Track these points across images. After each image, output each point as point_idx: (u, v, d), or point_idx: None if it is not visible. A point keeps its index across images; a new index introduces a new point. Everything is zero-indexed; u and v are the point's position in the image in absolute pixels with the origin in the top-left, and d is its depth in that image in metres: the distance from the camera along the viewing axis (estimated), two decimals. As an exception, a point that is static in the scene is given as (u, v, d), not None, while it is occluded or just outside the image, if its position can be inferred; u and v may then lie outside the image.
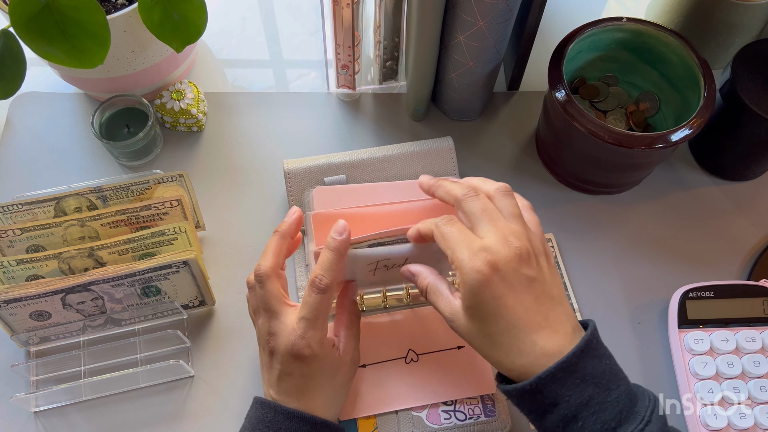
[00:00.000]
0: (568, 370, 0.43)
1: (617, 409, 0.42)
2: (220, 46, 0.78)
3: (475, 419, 0.56)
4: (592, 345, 0.44)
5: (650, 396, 0.44)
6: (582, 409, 0.42)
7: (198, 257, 0.57)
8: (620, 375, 0.44)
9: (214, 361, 0.61)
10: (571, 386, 0.42)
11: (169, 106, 0.69)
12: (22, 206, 0.58)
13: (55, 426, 0.58)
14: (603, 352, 0.45)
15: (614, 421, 0.42)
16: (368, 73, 0.74)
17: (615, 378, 0.44)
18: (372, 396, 0.56)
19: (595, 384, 0.43)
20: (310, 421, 0.48)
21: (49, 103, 0.73)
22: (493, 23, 0.59)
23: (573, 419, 0.42)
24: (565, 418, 0.43)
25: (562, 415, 0.43)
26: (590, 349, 0.44)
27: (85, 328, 0.59)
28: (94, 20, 0.53)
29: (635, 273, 0.65)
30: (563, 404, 0.43)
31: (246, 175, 0.70)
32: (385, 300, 0.60)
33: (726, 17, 0.69)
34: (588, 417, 0.42)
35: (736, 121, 0.64)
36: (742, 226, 0.68)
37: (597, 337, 0.45)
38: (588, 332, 0.44)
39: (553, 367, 0.42)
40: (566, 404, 0.42)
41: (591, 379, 0.43)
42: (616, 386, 0.43)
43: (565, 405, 0.42)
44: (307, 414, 0.48)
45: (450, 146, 0.66)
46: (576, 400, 0.42)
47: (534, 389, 0.43)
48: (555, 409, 0.43)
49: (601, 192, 0.69)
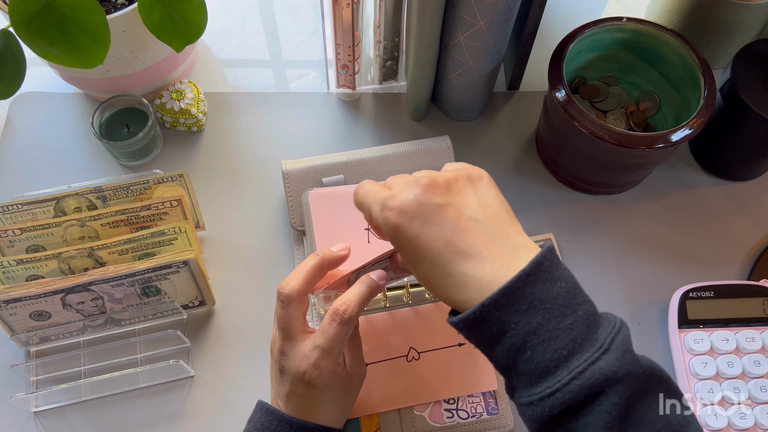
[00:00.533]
0: (513, 296, 0.38)
1: (571, 336, 0.38)
2: (220, 46, 0.78)
3: (478, 417, 0.56)
4: (543, 268, 0.39)
5: (616, 321, 0.40)
6: (530, 336, 0.38)
7: (198, 257, 0.57)
8: (578, 300, 0.39)
9: (214, 361, 0.61)
10: (517, 313, 0.38)
11: (169, 106, 0.69)
12: (22, 206, 0.58)
13: (54, 426, 0.58)
14: (559, 274, 0.39)
15: (566, 349, 0.37)
16: (368, 73, 0.74)
17: (570, 303, 0.39)
18: (374, 394, 0.56)
19: (545, 309, 0.38)
20: (314, 431, 0.47)
21: (49, 103, 0.73)
22: (493, 23, 0.59)
23: (522, 348, 0.38)
24: (513, 347, 0.39)
25: (510, 344, 0.39)
26: (540, 272, 0.39)
27: (85, 328, 0.59)
28: (93, 20, 0.53)
29: (635, 273, 0.65)
30: (510, 332, 0.38)
31: (246, 175, 0.70)
32: (385, 299, 0.60)
33: (726, 17, 0.69)
34: (537, 345, 0.38)
35: (737, 121, 0.64)
36: (742, 226, 0.68)
37: (551, 259, 0.40)
38: (538, 255, 0.39)
39: (495, 294, 0.38)
40: (513, 332, 0.38)
41: (540, 304, 0.38)
42: (572, 311, 0.38)
43: (512, 333, 0.38)
44: (310, 423, 0.47)
45: (447, 145, 0.66)
46: (523, 327, 0.38)
47: (478, 318, 0.39)
48: (502, 338, 0.39)
49: (601, 192, 0.69)
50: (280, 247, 0.66)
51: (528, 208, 0.68)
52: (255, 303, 0.63)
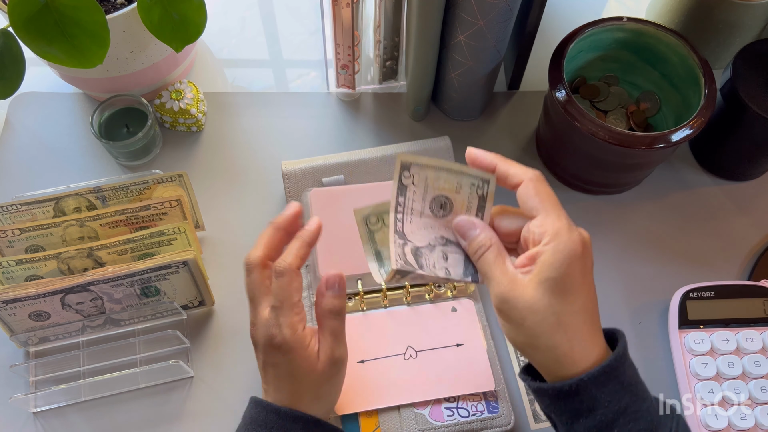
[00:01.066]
0: (611, 375, 0.41)
1: (649, 419, 0.41)
2: (220, 46, 0.78)
3: (479, 416, 0.56)
4: (626, 352, 0.43)
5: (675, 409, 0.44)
6: (619, 416, 0.40)
7: (197, 257, 0.57)
8: (645, 386, 0.43)
9: (213, 361, 0.61)
10: (611, 392, 0.41)
11: (168, 105, 0.69)
12: (22, 206, 0.58)
13: (54, 426, 0.58)
14: (631, 360, 0.43)
15: (646, 430, 0.41)
16: (368, 72, 0.74)
17: (644, 388, 0.43)
18: (371, 391, 0.56)
19: (631, 392, 0.41)
20: (303, 419, 0.47)
21: (49, 103, 0.73)
22: (494, 23, 0.59)
23: (609, 426, 0.41)
24: (600, 425, 0.41)
25: (598, 420, 0.41)
26: (626, 356, 0.42)
27: (84, 328, 0.59)
28: (93, 20, 0.53)
29: (635, 273, 0.65)
30: (601, 410, 0.40)
31: (245, 175, 0.69)
32: (385, 298, 0.60)
33: (726, 17, 0.69)
34: (624, 425, 0.40)
35: (737, 120, 0.64)
36: (742, 226, 0.68)
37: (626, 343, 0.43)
38: (623, 339, 0.43)
39: (597, 370, 0.40)
40: (604, 410, 0.40)
41: (628, 386, 0.41)
42: (648, 396, 0.42)
43: (603, 411, 0.40)
44: (299, 412, 0.47)
45: (447, 146, 0.66)
46: (614, 406, 0.40)
47: (574, 391, 0.41)
48: (591, 414, 0.41)
49: (601, 192, 0.69)
50: (280, 248, 0.66)
51: (528, 208, 0.68)
52: (255, 303, 0.63)
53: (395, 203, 0.45)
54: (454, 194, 0.44)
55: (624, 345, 0.42)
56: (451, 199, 0.45)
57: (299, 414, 0.47)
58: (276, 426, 0.47)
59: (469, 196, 0.45)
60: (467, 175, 0.44)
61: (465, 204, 0.45)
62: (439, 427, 0.56)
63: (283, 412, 0.47)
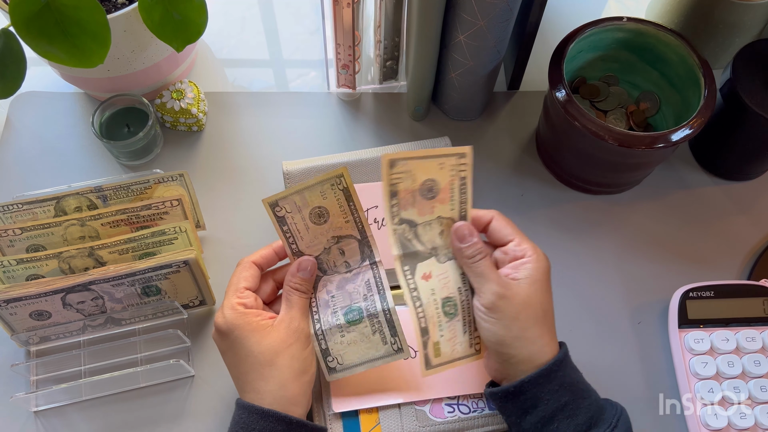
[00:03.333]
0: (550, 377, 0.48)
1: (588, 414, 0.48)
2: (220, 46, 0.78)
3: (479, 412, 0.56)
4: (568, 357, 0.50)
5: (617, 407, 0.50)
6: (558, 412, 0.48)
7: (198, 257, 0.57)
8: (590, 387, 0.50)
9: (214, 360, 0.61)
10: (550, 391, 0.48)
11: (169, 105, 0.69)
12: (22, 206, 0.58)
13: (54, 426, 0.58)
14: (574, 365, 0.51)
15: (585, 424, 0.47)
16: (368, 72, 0.74)
17: (587, 389, 0.50)
18: (372, 389, 0.56)
19: (570, 391, 0.48)
20: (285, 420, 0.48)
21: (49, 103, 0.73)
22: (494, 23, 0.59)
23: (550, 421, 0.48)
24: (542, 420, 0.48)
25: (540, 416, 0.48)
26: (567, 360, 0.50)
27: (85, 327, 0.59)
28: (94, 20, 0.53)
29: (635, 273, 0.65)
30: (542, 406, 0.48)
31: (246, 174, 0.70)
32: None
33: (726, 17, 0.69)
34: (563, 420, 0.48)
35: (737, 120, 0.64)
36: (742, 225, 0.68)
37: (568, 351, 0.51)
38: (565, 346, 0.51)
39: (536, 374, 0.48)
40: (545, 407, 0.48)
41: (568, 386, 0.48)
42: (588, 395, 0.49)
43: (544, 407, 0.48)
44: (282, 413, 0.48)
45: (447, 146, 0.66)
46: (554, 404, 0.48)
47: (519, 391, 0.49)
48: (534, 410, 0.48)
49: (601, 192, 0.69)
50: (281, 247, 0.66)
51: (528, 208, 0.68)
52: (255, 303, 0.63)
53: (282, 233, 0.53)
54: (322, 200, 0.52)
55: (565, 351, 0.50)
56: (325, 207, 0.53)
57: (282, 415, 0.48)
58: (258, 427, 0.47)
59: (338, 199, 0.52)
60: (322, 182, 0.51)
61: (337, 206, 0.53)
62: (440, 423, 0.56)
63: (266, 413, 0.48)
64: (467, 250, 0.52)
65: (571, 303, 0.64)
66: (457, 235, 0.52)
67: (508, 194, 0.69)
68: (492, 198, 0.68)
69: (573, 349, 0.58)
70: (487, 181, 0.69)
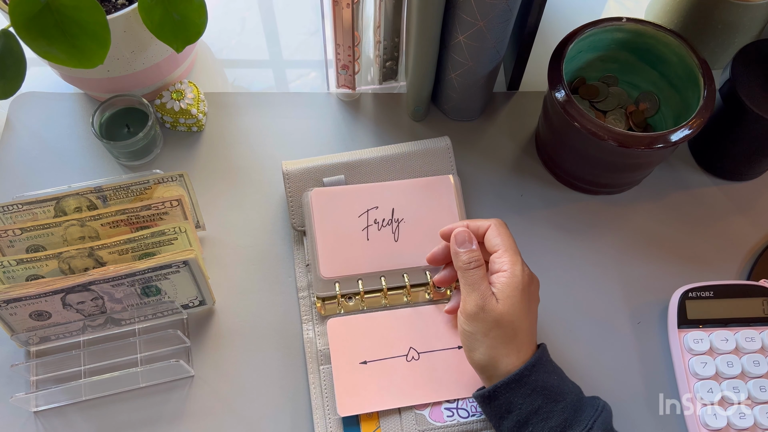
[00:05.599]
0: (521, 381, 0.50)
1: (562, 417, 0.49)
2: (220, 46, 0.78)
3: (478, 416, 0.56)
4: (542, 362, 0.51)
5: (598, 406, 0.50)
6: (532, 415, 0.49)
7: (198, 257, 0.57)
8: (567, 388, 0.51)
9: (214, 361, 0.61)
10: (522, 396, 0.49)
11: (169, 106, 0.69)
12: (22, 206, 0.59)
13: (55, 426, 0.58)
14: (552, 368, 0.52)
15: (559, 427, 0.49)
16: (368, 73, 0.74)
17: (562, 391, 0.50)
18: (373, 392, 0.57)
19: (544, 395, 0.49)
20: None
21: (49, 103, 0.73)
22: (493, 23, 0.59)
23: (525, 424, 0.49)
24: (518, 423, 0.50)
25: (515, 420, 0.50)
26: (541, 364, 0.51)
27: (85, 328, 0.59)
28: (94, 20, 0.53)
29: (635, 273, 0.65)
30: (516, 411, 0.50)
31: (246, 175, 0.70)
32: (385, 298, 0.60)
33: (726, 17, 0.69)
34: (537, 423, 0.49)
35: (736, 121, 0.64)
36: (741, 226, 0.68)
37: (547, 355, 0.52)
38: (539, 351, 0.52)
39: (507, 379, 0.50)
40: (518, 411, 0.49)
41: (541, 390, 0.50)
42: (563, 398, 0.50)
43: (518, 412, 0.49)
44: None
45: (447, 146, 0.66)
46: (527, 408, 0.49)
47: (493, 395, 0.50)
48: (509, 415, 0.50)
49: (601, 192, 0.69)
50: (280, 247, 0.66)
51: (528, 208, 0.68)
52: (255, 303, 0.63)
53: None
54: None
55: (537, 356, 0.51)
56: None
57: None
58: None
59: None
60: None
61: None
62: (439, 427, 0.56)
63: None
64: (463, 255, 0.54)
65: (570, 303, 0.64)
66: (456, 240, 0.55)
67: (507, 194, 0.69)
68: (492, 198, 0.68)
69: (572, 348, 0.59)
70: (486, 181, 0.69)
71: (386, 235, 0.62)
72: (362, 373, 0.57)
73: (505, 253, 0.53)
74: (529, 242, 0.65)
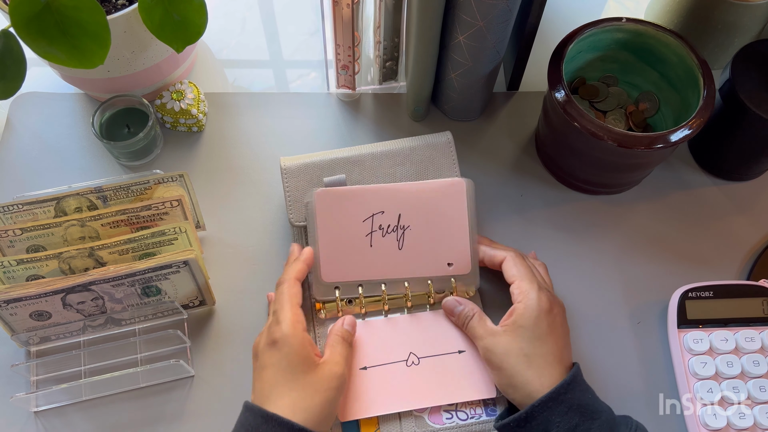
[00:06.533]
0: (558, 399, 0.49)
1: None
2: (220, 46, 0.78)
3: (477, 419, 0.56)
4: (577, 380, 0.51)
5: (631, 424, 0.50)
6: None
7: (198, 257, 0.57)
8: (602, 407, 0.51)
9: (214, 361, 0.61)
10: (560, 414, 0.49)
11: (169, 106, 0.69)
12: (23, 206, 0.59)
13: (55, 426, 0.58)
14: (586, 386, 0.52)
15: None
16: (368, 73, 0.74)
17: (597, 409, 0.50)
18: (373, 397, 0.56)
19: (580, 413, 0.49)
20: (287, 426, 0.47)
21: (49, 103, 0.73)
22: (493, 23, 0.59)
23: None
24: None
25: None
26: (576, 383, 0.51)
27: (85, 328, 0.59)
28: (94, 20, 0.53)
29: (635, 273, 0.65)
30: (553, 430, 0.49)
31: (246, 175, 0.70)
32: (385, 303, 0.60)
33: (726, 17, 0.69)
34: None
35: (736, 121, 0.64)
36: (741, 226, 0.68)
37: (581, 373, 0.52)
38: (573, 369, 0.52)
39: (544, 397, 0.49)
40: (556, 429, 0.49)
41: (577, 408, 0.49)
42: (599, 416, 0.49)
43: (555, 431, 0.49)
44: (286, 419, 0.48)
45: (449, 140, 0.65)
46: (565, 426, 0.49)
47: (529, 416, 0.50)
48: None
49: (601, 192, 0.69)
50: (280, 247, 0.66)
51: (528, 208, 0.68)
52: (255, 303, 0.63)
53: None
54: None
55: (572, 374, 0.51)
56: None
57: (286, 420, 0.48)
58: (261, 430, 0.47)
59: None
60: None
61: None
62: (438, 430, 0.56)
63: (271, 417, 0.48)
64: (457, 320, 0.58)
65: (570, 303, 0.64)
66: (446, 309, 0.59)
67: (507, 194, 0.69)
68: (492, 198, 0.68)
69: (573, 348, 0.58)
70: (486, 182, 0.69)
71: (390, 243, 0.61)
72: (362, 379, 0.57)
73: (522, 283, 0.55)
74: (529, 242, 0.65)
